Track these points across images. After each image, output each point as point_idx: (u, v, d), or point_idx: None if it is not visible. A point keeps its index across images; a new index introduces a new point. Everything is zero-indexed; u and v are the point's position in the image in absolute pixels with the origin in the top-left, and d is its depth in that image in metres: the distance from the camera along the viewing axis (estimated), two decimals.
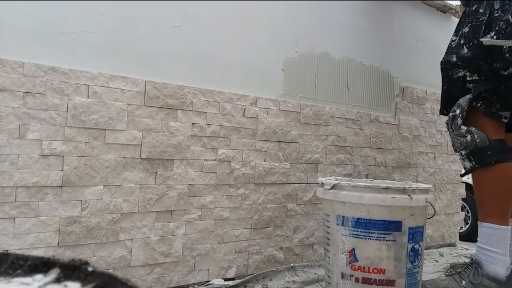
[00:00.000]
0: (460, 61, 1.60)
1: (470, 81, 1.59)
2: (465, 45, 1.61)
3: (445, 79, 1.69)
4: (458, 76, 1.62)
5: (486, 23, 1.55)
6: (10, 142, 1.19)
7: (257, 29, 1.75)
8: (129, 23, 1.42)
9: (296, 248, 1.84)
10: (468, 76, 1.59)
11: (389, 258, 1.27)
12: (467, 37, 1.61)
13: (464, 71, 1.60)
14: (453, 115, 1.61)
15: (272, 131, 1.76)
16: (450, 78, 1.65)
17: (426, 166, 2.43)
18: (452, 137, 1.64)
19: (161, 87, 1.46)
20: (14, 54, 1.21)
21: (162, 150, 1.46)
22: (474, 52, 1.57)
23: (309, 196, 1.88)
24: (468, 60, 1.58)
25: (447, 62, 1.66)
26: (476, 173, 1.60)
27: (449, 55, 1.66)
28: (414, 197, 1.29)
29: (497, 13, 1.53)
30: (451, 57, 1.64)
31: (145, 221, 1.43)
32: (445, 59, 1.67)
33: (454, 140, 1.63)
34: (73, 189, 1.29)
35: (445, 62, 1.67)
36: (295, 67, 1.88)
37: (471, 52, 1.57)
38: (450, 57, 1.64)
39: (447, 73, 1.66)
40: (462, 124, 1.58)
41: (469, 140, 1.56)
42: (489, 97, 1.56)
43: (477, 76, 1.57)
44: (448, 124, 1.65)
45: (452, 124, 1.62)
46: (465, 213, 3.16)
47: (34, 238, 1.22)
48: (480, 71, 1.56)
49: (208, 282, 1.56)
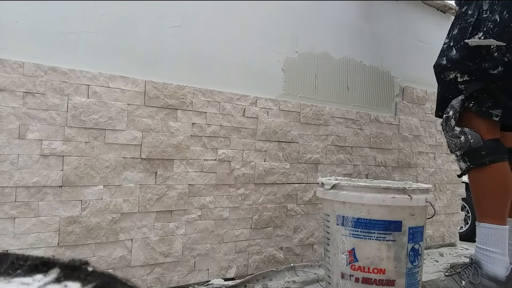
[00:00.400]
0: (449, 63, 1.62)
1: (462, 82, 1.60)
2: (454, 47, 1.62)
3: (439, 82, 1.70)
4: (450, 78, 1.63)
5: (473, 24, 1.56)
6: (10, 142, 1.19)
7: (257, 29, 1.75)
8: (129, 23, 1.42)
9: (296, 248, 1.84)
10: (459, 77, 1.60)
11: (389, 258, 1.27)
12: (455, 39, 1.62)
13: (454, 73, 1.61)
14: (447, 116, 1.62)
15: (272, 131, 1.76)
16: (443, 80, 1.66)
17: (426, 166, 2.43)
18: (447, 138, 1.65)
19: (161, 87, 1.46)
20: (14, 54, 1.21)
21: (162, 150, 1.46)
22: (461, 53, 1.58)
23: (309, 195, 1.88)
24: (457, 62, 1.59)
25: (438, 65, 1.67)
26: (472, 174, 1.60)
27: (440, 58, 1.67)
28: (414, 197, 1.29)
29: (485, 14, 1.54)
30: (441, 60, 1.66)
31: (145, 221, 1.43)
32: (437, 62, 1.68)
33: (449, 141, 1.64)
34: (73, 189, 1.29)
35: (437, 65, 1.68)
36: (295, 67, 1.88)
37: (459, 53, 1.59)
38: (441, 61, 1.66)
39: (440, 76, 1.68)
40: (455, 125, 1.59)
41: (463, 140, 1.57)
42: (480, 96, 1.56)
43: (468, 77, 1.58)
44: (443, 126, 1.65)
45: (446, 125, 1.63)
46: (465, 213, 3.16)
47: (34, 238, 1.22)
48: (470, 72, 1.57)
49: (208, 282, 1.56)
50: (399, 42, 2.36)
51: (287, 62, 1.85)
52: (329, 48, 2.01)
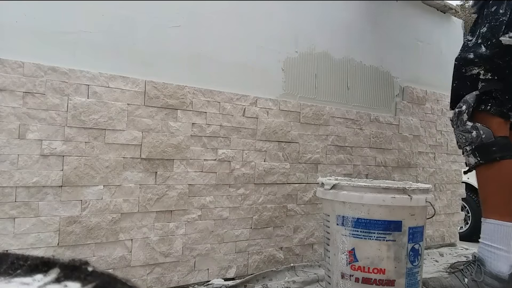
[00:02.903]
0: (477, 59, 1.62)
1: (483, 79, 1.61)
2: (483, 44, 1.62)
3: (456, 76, 1.71)
4: (472, 73, 1.64)
5: (506, 23, 1.57)
6: (10, 142, 1.19)
7: (257, 29, 1.75)
8: (129, 23, 1.42)
9: (296, 248, 1.84)
10: (482, 74, 1.61)
11: (389, 258, 1.27)
12: (485, 37, 1.63)
13: (479, 69, 1.62)
14: (459, 111, 1.63)
15: (272, 131, 1.76)
16: (463, 75, 1.67)
17: (426, 166, 2.43)
18: (457, 133, 1.65)
19: (161, 87, 1.46)
20: (14, 54, 1.21)
21: (162, 150, 1.46)
22: (492, 50, 1.59)
23: (309, 195, 1.88)
24: (487, 58, 1.60)
25: (463, 58, 1.67)
26: (480, 169, 1.61)
27: (465, 53, 1.67)
28: (414, 197, 1.29)
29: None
30: (468, 54, 1.65)
31: (145, 221, 1.43)
32: (461, 56, 1.68)
33: (458, 136, 1.65)
34: (73, 189, 1.29)
35: (460, 58, 1.68)
36: (295, 67, 1.88)
37: (490, 50, 1.60)
38: (467, 55, 1.66)
39: (461, 70, 1.68)
40: (467, 119, 1.59)
41: (474, 135, 1.57)
42: (500, 97, 1.58)
43: (491, 75, 1.60)
44: (453, 120, 1.66)
45: (457, 119, 1.63)
46: (465, 213, 3.16)
47: (34, 238, 1.22)
48: (496, 70, 1.59)
49: (208, 282, 1.56)
50: (399, 42, 2.36)
51: (287, 62, 1.85)
52: (329, 48, 2.01)
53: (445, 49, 2.59)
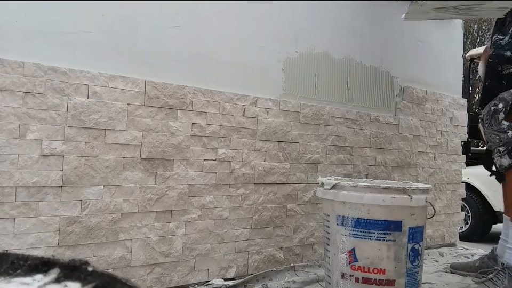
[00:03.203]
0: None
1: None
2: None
3: (490, 75, 1.67)
4: (509, 71, 1.60)
5: None
6: (10, 142, 1.19)
7: (258, 29, 1.75)
8: (129, 23, 1.42)
9: (296, 248, 1.84)
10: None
11: (389, 258, 1.27)
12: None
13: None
14: (494, 109, 1.58)
15: (272, 131, 1.76)
16: (498, 74, 1.63)
17: (426, 166, 2.43)
18: (489, 132, 1.60)
19: (161, 87, 1.46)
20: (14, 54, 1.21)
21: (162, 150, 1.46)
22: None
23: (309, 195, 1.88)
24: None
25: (500, 56, 1.63)
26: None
27: (502, 51, 1.63)
28: (414, 197, 1.29)
29: None
30: (506, 52, 1.62)
31: (145, 221, 1.43)
32: (497, 53, 1.64)
33: (491, 136, 1.59)
34: (73, 189, 1.29)
35: (496, 55, 1.64)
36: (295, 67, 1.88)
37: None
38: (504, 52, 1.62)
39: (497, 68, 1.64)
40: (504, 118, 1.55)
41: (510, 136, 1.53)
42: None
43: None
44: (486, 119, 1.60)
45: (491, 118, 1.58)
46: (465, 213, 3.16)
47: (34, 238, 1.22)
48: None
49: (208, 282, 1.56)
50: (399, 42, 2.36)
51: (287, 62, 1.85)
52: (329, 48, 2.01)
53: (445, 49, 2.59)
